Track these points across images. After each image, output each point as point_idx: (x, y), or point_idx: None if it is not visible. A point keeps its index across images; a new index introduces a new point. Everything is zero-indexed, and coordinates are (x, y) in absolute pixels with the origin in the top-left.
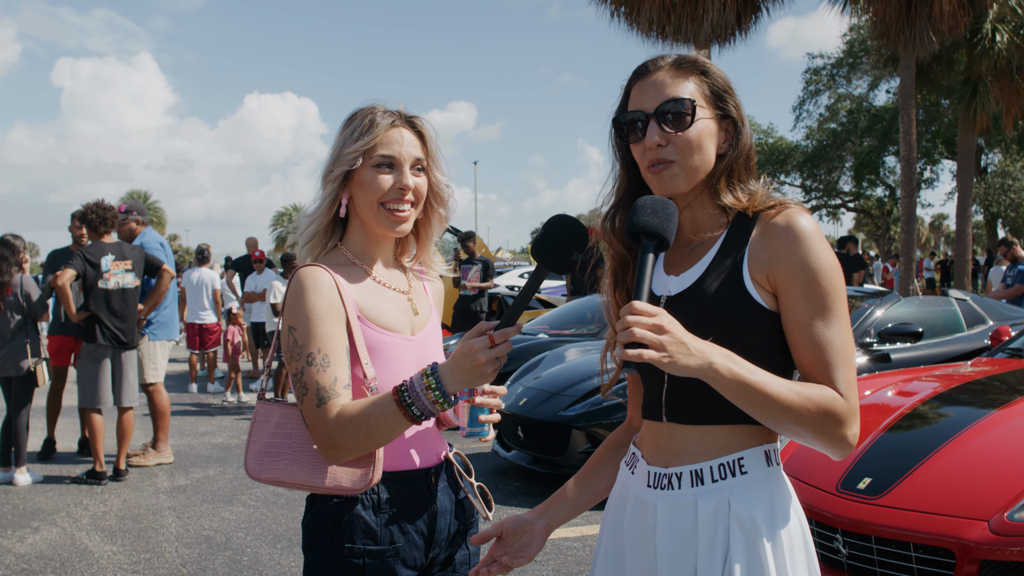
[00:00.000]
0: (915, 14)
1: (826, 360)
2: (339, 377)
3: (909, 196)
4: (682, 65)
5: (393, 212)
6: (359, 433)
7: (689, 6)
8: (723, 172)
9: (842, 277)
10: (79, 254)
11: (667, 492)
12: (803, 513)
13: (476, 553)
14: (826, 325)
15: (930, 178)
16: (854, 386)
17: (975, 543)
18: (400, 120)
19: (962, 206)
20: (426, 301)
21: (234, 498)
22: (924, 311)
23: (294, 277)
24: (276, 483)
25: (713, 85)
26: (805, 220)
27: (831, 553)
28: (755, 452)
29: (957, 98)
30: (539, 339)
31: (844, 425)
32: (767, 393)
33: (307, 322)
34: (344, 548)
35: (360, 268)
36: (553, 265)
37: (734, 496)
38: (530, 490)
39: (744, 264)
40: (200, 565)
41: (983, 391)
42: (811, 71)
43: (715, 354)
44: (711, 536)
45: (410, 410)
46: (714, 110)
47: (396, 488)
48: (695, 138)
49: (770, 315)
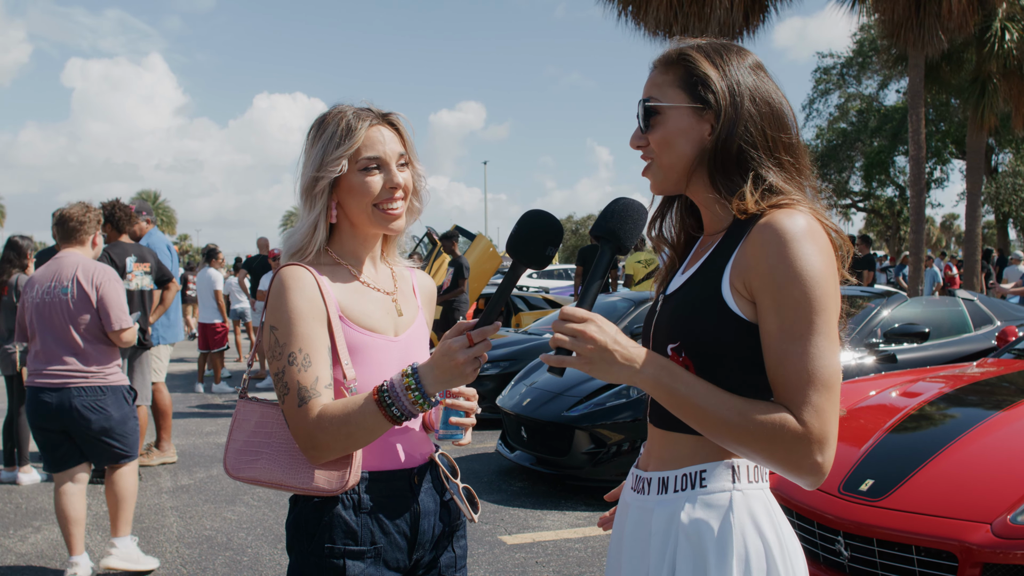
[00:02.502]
0: (924, 13)
1: (788, 378)
2: (320, 377)
3: (919, 196)
4: (668, 59)
5: (386, 211)
6: (339, 433)
7: (696, 5)
8: (707, 167)
9: (827, 286)
10: (105, 254)
11: (639, 496)
12: (776, 537)
13: (462, 556)
14: (793, 339)
15: (940, 178)
16: (821, 410)
17: (978, 546)
18: (377, 119)
19: (972, 206)
20: (412, 302)
21: (236, 498)
22: (930, 311)
23: (276, 277)
24: (254, 482)
25: (691, 74)
26: (790, 221)
27: (833, 555)
28: (719, 466)
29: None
30: (545, 339)
31: (799, 453)
32: (701, 409)
33: (288, 322)
34: (324, 548)
35: (344, 268)
36: (528, 260)
37: (686, 509)
38: (533, 491)
39: (727, 268)
40: (200, 565)
41: (989, 392)
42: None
43: (647, 364)
44: (661, 548)
45: (390, 411)
46: (693, 102)
47: (378, 488)
48: (661, 137)
49: (746, 325)
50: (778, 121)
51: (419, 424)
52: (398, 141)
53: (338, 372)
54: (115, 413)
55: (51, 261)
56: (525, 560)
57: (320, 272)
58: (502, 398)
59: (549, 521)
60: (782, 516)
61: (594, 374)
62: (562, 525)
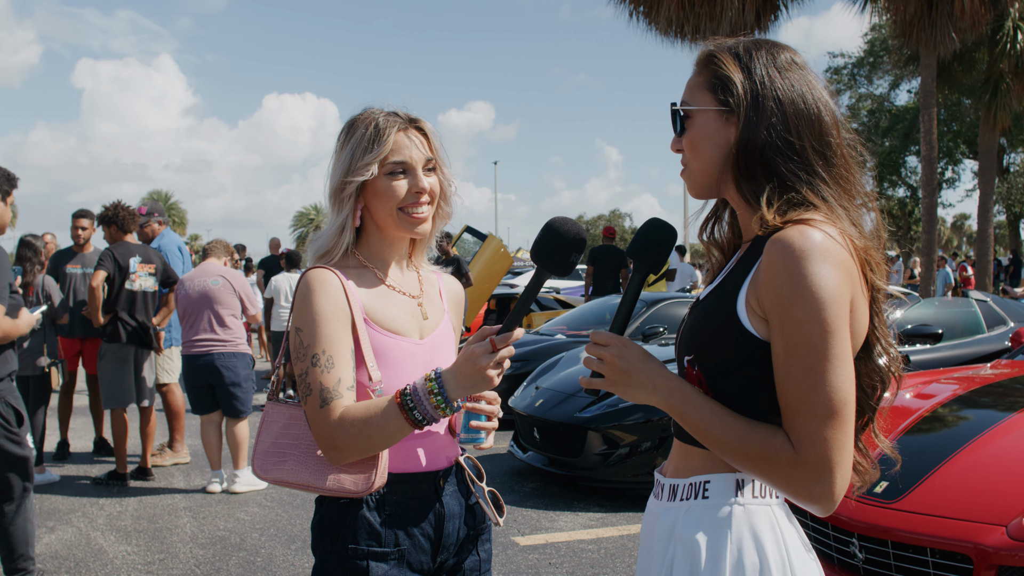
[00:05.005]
0: (936, 13)
1: (788, 403)
2: (343, 379)
3: (930, 196)
4: (700, 61)
5: (411, 215)
6: (360, 435)
7: (708, 5)
8: (732, 172)
9: (837, 308)
10: (109, 254)
11: (656, 502)
12: (779, 555)
13: (487, 559)
14: (794, 362)
15: (952, 178)
16: (818, 439)
17: (993, 548)
18: (405, 123)
19: (984, 206)
20: (439, 305)
21: (249, 499)
22: (944, 312)
23: (302, 279)
24: (281, 483)
25: (716, 76)
26: (801, 237)
27: (847, 558)
28: (724, 478)
29: (978, 97)
30: (556, 340)
31: (797, 482)
32: (707, 432)
33: (313, 323)
34: (348, 549)
35: (371, 271)
36: (554, 268)
37: (684, 519)
38: (546, 491)
39: (744, 284)
40: (214, 566)
41: (1003, 394)
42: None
43: (660, 386)
44: (662, 553)
45: (412, 414)
46: (719, 105)
47: (402, 490)
48: (689, 141)
49: (761, 344)
50: (810, 123)
51: (445, 427)
52: (425, 146)
53: (363, 374)
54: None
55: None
56: (538, 561)
57: (346, 275)
58: (514, 399)
59: (562, 522)
60: (793, 535)
61: (618, 394)
62: (575, 526)
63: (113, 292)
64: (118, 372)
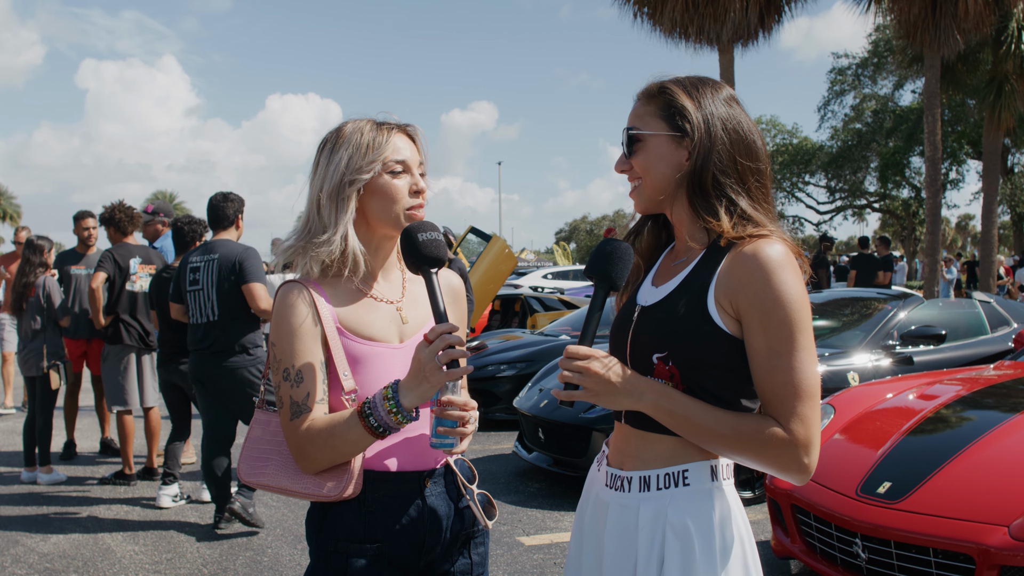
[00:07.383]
0: (940, 14)
1: (775, 391)
2: (311, 392)
3: (934, 197)
4: (650, 92)
5: (412, 215)
6: (326, 445)
7: (712, 6)
8: (686, 191)
9: (806, 307)
10: (109, 256)
11: (619, 494)
12: (748, 530)
13: (480, 563)
14: (779, 356)
15: (956, 179)
16: (806, 418)
17: (995, 548)
18: (398, 128)
19: (988, 207)
20: (420, 309)
21: (256, 499)
22: (947, 313)
23: (277, 293)
24: (263, 487)
25: (670, 105)
26: (772, 250)
27: (850, 558)
28: (700, 466)
29: (982, 98)
30: (561, 340)
31: (788, 458)
32: (697, 425)
33: (283, 339)
34: (328, 544)
35: (348, 279)
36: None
37: (672, 505)
38: (551, 492)
39: (711, 286)
40: (221, 565)
41: (1006, 395)
42: (836, 71)
43: (646, 391)
44: (649, 542)
45: (368, 421)
46: (672, 130)
47: (384, 488)
48: (643, 162)
49: (731, 339)
50: (748, 149)
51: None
52: (415, 150)
53: (338, 384)
54: None
55: None
56: (543, 561)
57: (321, 284)
58: (519, 399)
59: (567, 522)
60: (741, 505)
61: (601, 404)
62: None
63: (114, 294)
64: (121, 374)
